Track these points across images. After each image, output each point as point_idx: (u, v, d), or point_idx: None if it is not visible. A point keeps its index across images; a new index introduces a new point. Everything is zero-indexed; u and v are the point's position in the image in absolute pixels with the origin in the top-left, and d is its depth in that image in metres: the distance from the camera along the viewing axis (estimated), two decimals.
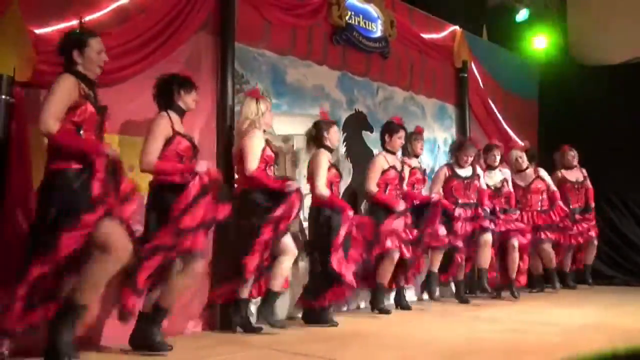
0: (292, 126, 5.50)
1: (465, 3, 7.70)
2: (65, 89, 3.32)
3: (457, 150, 6.31)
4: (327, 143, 5.03)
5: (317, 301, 4.76)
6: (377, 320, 5.16)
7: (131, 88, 4.30)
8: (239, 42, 5.01)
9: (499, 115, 7.98)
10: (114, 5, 4.20)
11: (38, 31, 3.76)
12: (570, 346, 3.75)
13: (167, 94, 4.02)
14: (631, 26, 8.12)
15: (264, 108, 4.62)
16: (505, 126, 8.05)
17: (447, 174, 6.23)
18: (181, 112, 4.06)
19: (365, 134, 6.37)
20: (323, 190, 4.88)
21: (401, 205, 5.39)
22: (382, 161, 5.55)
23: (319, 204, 4.92)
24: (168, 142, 3.86)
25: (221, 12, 4.88)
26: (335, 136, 5.10)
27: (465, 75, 7.48)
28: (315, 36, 5.79)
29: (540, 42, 8.64)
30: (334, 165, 5.19)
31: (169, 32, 4.49)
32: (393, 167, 5.54)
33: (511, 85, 8.35)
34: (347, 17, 5.99)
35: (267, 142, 4.61)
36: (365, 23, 6.23)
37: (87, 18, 3.97)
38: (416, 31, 6.93)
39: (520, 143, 7.56)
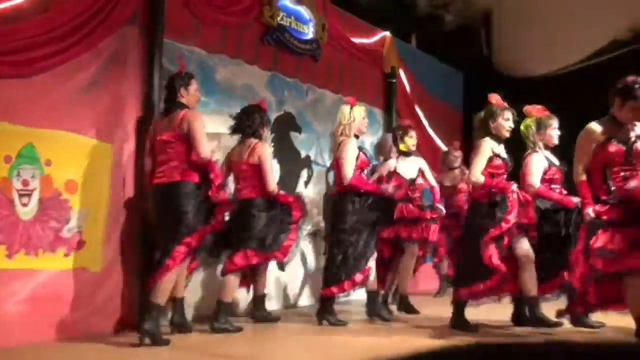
0: (221, 125, 5.43)
1: (395, 11, 7.83)
2: None
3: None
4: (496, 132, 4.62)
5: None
6: None
7: (52, 80, 4.14)
8: (168, 38, 4.91)
9: (425, 121, 8.15)
10: None
11: None
12: None
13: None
14: (551, 40, 8.47)
15: (358, 115, 4.90)
16: (431, 133, 8.24)
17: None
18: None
19: (294, 135, 6.38)
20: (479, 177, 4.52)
21: None
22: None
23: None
24: None
25: (150, 6, 4.76)
26: None
27: (394, 80, 7.62)
28: (246, 35, 5.75)
29: (465, 53, 8.84)
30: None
31: (94, 24, 4.33)
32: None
33: (438, 92, 8.56)
34: (278, 18, 5.97)
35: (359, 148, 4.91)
36: (297, 25, 6.23)
37: (6, 4, 3.82)
38: (347, 35, 6.99)
39: (445, 149, 7.72)
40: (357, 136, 4.98)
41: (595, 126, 3.94)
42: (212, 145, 5.33)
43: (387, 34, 7.57)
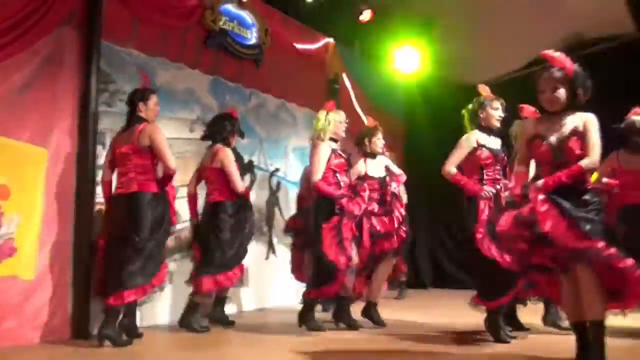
0: (163, 128, 5.35)
1: (339, 18, 7.89)
2: None
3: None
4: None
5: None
6: None
7: None
8: (106, 40, 4.83)
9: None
10: None
11: None
12: None
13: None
14: (492, 48, 8.68)
15: (333, 120, 4.95)
16: None
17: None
18: None
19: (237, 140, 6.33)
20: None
21: None
22: None
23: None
24: None
25: (87, 7, 4.68)
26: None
27: (337, 86, 7.68)
28: (188, 39, 5.70)
29: (408, 60, 8.94)
30: None
31: (29, 24, 4.23)
32: None
33: (380, 99, 8.66)
34: (221, 22, 5.95)
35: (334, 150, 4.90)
36: (239, 29, 6.22)
37: None
38: (290, 41, 7.02)
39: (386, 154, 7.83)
40: (335, 140, 5.01)
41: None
42: None
43: (331, 40, 7.63)
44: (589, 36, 8.47)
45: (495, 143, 4.52)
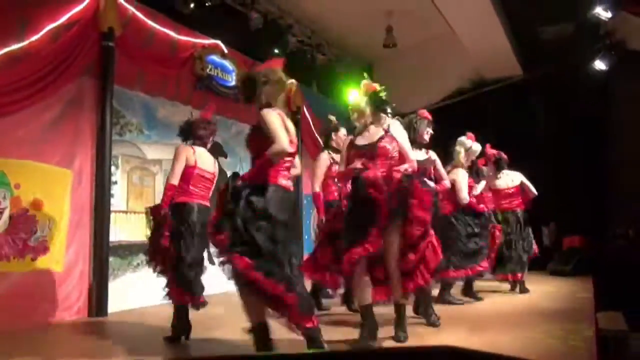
0: (162, 153, 5.50)
1: (299, 62, 8.07)
2: None
3: None
4: None
5: None
6: None
7: (21, 119, 4.10)
8: (117, 85, 4.93)
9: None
10: (4, 51, 3.97)
11: None
12: None
13: None
14: (419, 83, 8.95)
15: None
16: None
17: None
18: None
19: (221, 159, 6.49)
20: None
21: None
22: None
23: None
24: None
25: (102, 60, 4.77)
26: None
27: (299, 117, 7.85)
28: (182, 82, 5.81)
29: (354, 95, 9.15)
30: None
31: (56, 74, 4.34)
32: None
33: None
34: (208, 69, 6.08)
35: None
36: (222, 74, 6.36)
37: None
38: None
39: None
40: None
41: None
42: (155, 169, 5.42)
43: (294, 81, 7.81)
44: (489, 77, 8.86)
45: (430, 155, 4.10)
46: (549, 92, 8.36)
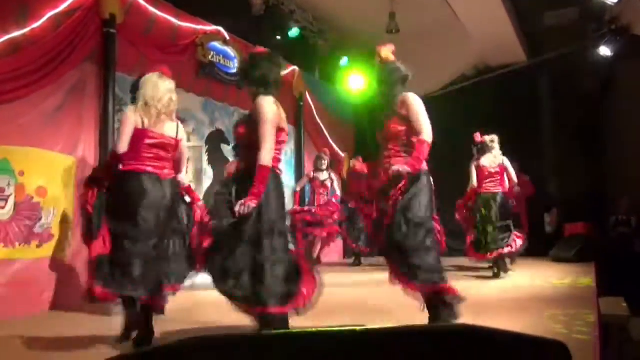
0: None
1: (301, 49, 8.04)
2: None
3: None
4: None
5: None
6: None
7: (24, 106, 4.09)
8: (119, 71, 4.90)
9: (326, 133, 8.45)
10: (5, 38, 3.95)
11: None
12: None
13: None
14: (419, 71, 8.91)
15: None
16: (331, 141, 8.54)
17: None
18: None
19: (224, 146, 6.49)
20: None
21: None
22: None
23: None
24: None
25: (104, 47, 4.75)
26: None
27: (301, 103, 7.85)
28: (184, 69, 5.76)
29: (355, 81, 9.10)
30: None
31: (59, 61, 4.32)
32: None
33: (335, 111, 8.85)
34: (209, 56, 6.06)
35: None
36: (224, 61, 6.34)
37: None
38: None
39: (342, 154, 8.17)
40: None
41: None
42: None
43: (296, 68, 7.79)
44: (493, 63, 8.81)
45: None
46: (554, 78, 8.32)
